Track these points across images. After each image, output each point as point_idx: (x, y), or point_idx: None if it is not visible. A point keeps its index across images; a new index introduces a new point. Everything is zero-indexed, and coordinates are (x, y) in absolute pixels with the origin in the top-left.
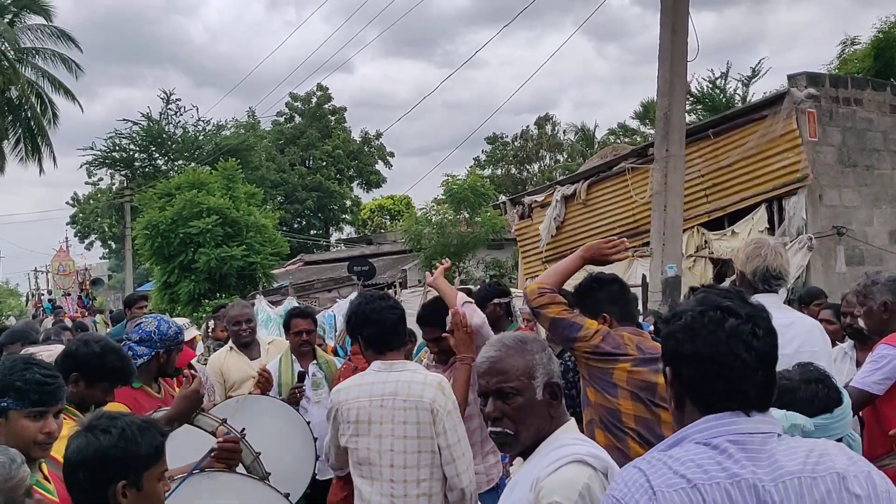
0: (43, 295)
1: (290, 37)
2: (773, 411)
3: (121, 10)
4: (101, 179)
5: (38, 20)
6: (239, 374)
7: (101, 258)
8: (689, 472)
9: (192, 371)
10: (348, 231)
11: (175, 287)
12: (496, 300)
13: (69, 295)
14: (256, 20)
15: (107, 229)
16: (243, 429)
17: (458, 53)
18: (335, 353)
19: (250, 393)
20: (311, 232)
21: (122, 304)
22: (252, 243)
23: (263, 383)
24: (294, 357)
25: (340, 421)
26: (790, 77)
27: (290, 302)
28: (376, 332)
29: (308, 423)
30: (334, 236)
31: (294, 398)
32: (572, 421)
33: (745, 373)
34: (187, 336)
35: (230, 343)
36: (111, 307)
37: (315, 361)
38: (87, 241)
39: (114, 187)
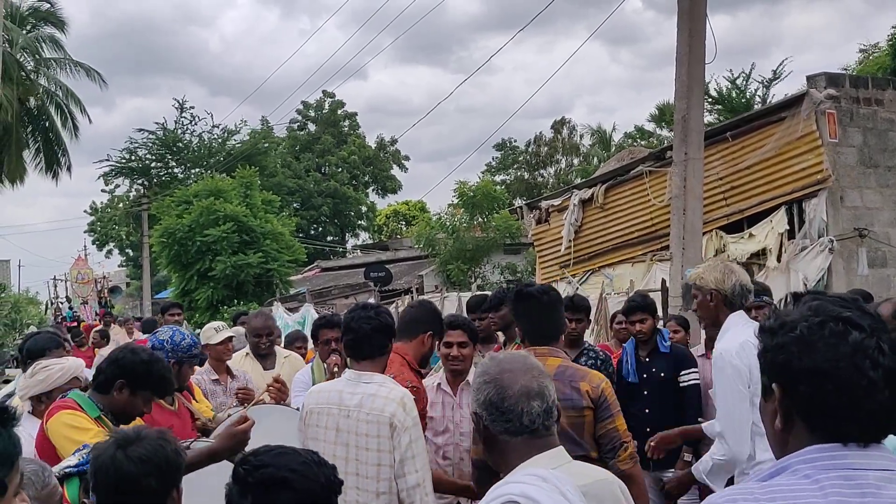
0: (62, 303)
1: (303, 45)
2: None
3: (136, 21)
4: (117, 187)
5: (58, 34)
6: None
7: (119, 266)
8: None
9: (247, 418)
10: (364, 237)
11: (193, 294)
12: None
13: (87, 303)
14: (271, 30)
15: (124, 237)
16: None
17: (471, 59)
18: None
19: (264, 402)
20: (328, 238)
21: (140, 313)
22: (269, 250)
23: (277, 392)
24: (326, 366)
25: (310, 424)
26: (809, 78)
27: (308, 308)
28: (351, 340)
29: None
30: (350, 242)
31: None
32: (546, 453)
33: (871, 392)
34: (221, 337)
35: (247, 349)
36: (130, 315)
37: (348, 367)
38: (105, 250)
39: (130, 196)
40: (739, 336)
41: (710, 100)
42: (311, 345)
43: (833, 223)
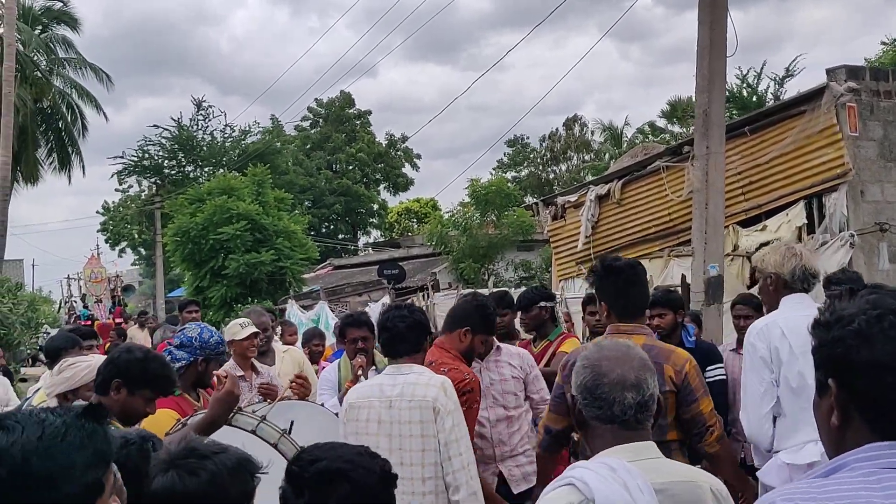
0: (76, 302)
1: (315, 44)
2: None
3: (147, 22)
4: (130, 187)
5: (70, 33)
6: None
7: (131, 265)
8: None
9: (223, 373)
10: (375, 235)
11: (206, 292)
12: (542, 303)
13: (101, 301)
14: (281, 29)
15: (136, 236)
16: (291, 422)
17: (481, 56)
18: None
19: (287, 398)
20: (339, 236)
21: (154, 312)
22: (281, 248)
23: (300, 388)
24: (352, 365)
25: (351, 419)
26: (829, 71)
27: (322, 306)
28: (387, 339)
29: None
30: (362, 240)
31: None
32: (630, 445)
33: None
34: (246, 332)
35: None
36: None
37: (374, 367)
38: (117, 249)
39: (143, 195)
40: (772, 317)
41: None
42: (328, 342)
43: (853, 217)
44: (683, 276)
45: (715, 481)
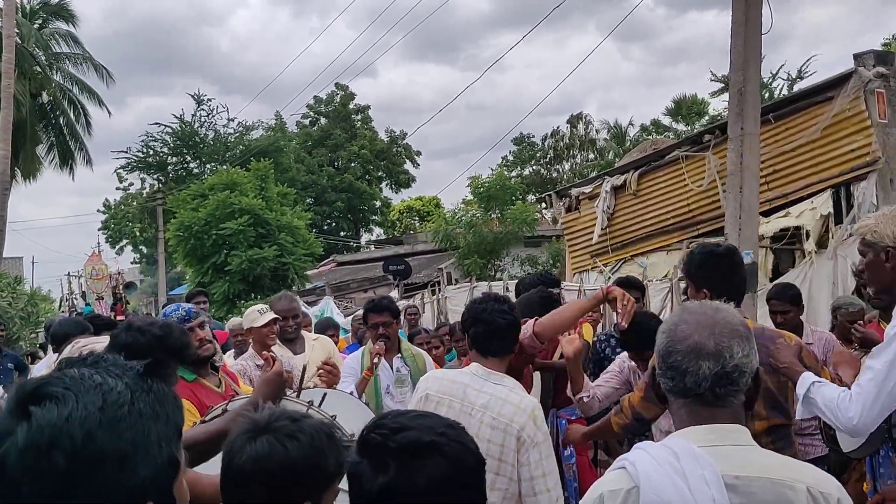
0: (76, 299)
1: (313, 43)
2: None
3: (148, 21)
4: (131, 184)
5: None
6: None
7: (132, 263)
8: None
9: (272, 353)
10: (378, 232)
11: (209, 287)
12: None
13: (102, 298)
14: (283, 30)
15: (138, 234)
16: (333, 416)
17: (481, 56)
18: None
19: (315, 386)
20: (341, 233)
21: (156, 309)
22: (284, 244)
23: (328, 375)
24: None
25: (427, 408)
26: (856, 56)
27: (328, 302)
28: (482, 333)
29: None
30: (364, 237)
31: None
32: (706, 426)
33: None
34: (265, 319)
35: None
36: (144, 311)
37: (400, 355)
38: (118, 246)
39: (144, 192)
40: None
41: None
42: (342, 334)
43: (883, 207)
44: None
45: (819, 481)
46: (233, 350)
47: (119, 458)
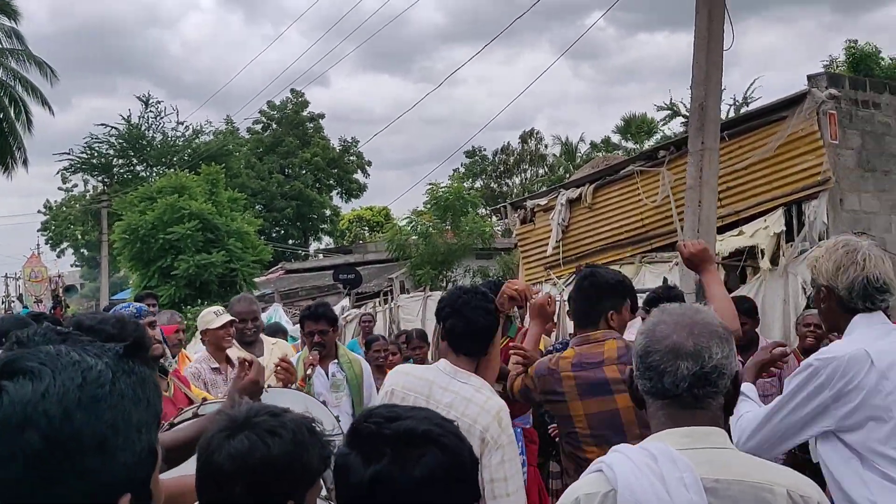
0: (14, 302)
1: (266, 49)
2: None
3: (96, 21)
4: (75, 186)
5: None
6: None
7: (72, 266)
8: None
9: (251, 357)
10: (327, 241)
11: (154, 291)
12: None
13: (41, 301)
14: (235, 36)
15: (80, 237)
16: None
17: (434, 69)
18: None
19: (270, 386)
20: (290, 241)
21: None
22: (233, 249)
23: (285, 373)
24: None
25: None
26: (810, 77)
27: (276, 309)
28: (460, 328)
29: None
30: (313, 246)
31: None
32: (685, 429)
33: None
34: (221, 321)
35: None
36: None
37: (336, 361)
38: (58, 249)
39: (88, 194)
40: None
41: (682, 119)
42: (291, 341)
43: (833, 226)
44: (665, 279)
45: (799, 485)
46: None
47: (98, 442)
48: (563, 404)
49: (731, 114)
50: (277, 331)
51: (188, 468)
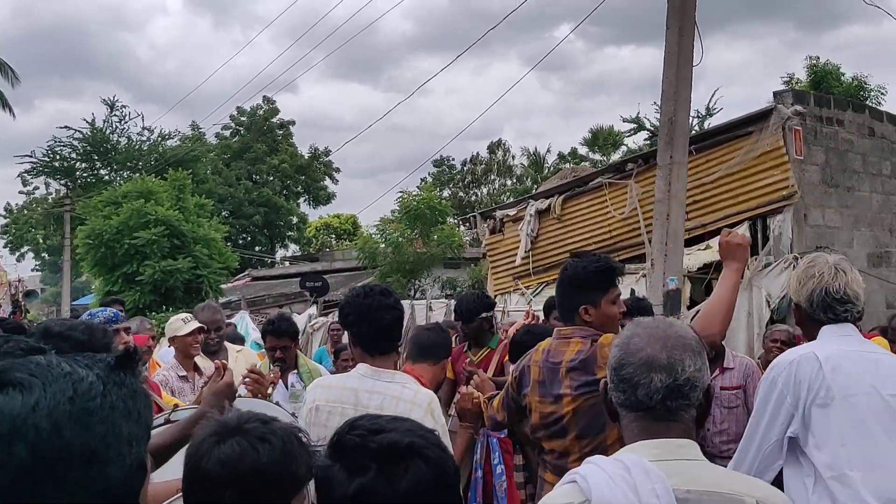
0: None
1: (235, 56)
2: None
3: (61, 22)
4: (36, 188)
5: None
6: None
7: (32, 270)
8: None
9: (224, 362)
10: (293, 248)
11: (118, 297)
12: (483, 314)
13: (0, 306)
14: (203, 41)
15: (41, 241)
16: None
17: (403, 78)
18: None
19: (239, 395)
20: (257, 248)
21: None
22: (199, 256)
23: (254, 384)
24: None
25: (317, 423)
26: (776, 94)
27: (243, 316)
28: (368, 331)
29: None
30: (279, 253)
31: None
32: (658, 441)
33: None
34: (189, 328)
35: None
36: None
37: (296, 371)
38: (18, 253)
39: (50, 197)
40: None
41: (647, 133)
42: (256, 349)
43: (797, 241)
44: (633, 291)
45: (768, 496)
46: None
47: (88, 456)
48: (525, 397)
49: (696, 125)
50: (235, 338)
51: (163, 473)
